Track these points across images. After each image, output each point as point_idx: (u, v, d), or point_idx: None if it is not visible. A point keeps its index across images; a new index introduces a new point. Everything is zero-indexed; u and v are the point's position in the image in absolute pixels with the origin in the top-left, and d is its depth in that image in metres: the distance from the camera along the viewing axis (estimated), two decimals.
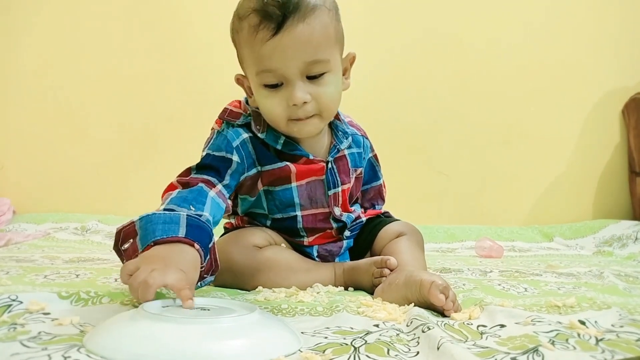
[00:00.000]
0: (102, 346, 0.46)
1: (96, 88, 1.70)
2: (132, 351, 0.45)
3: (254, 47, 0.72)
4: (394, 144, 1.66)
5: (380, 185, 1.01)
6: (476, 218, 1.70)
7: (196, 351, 0.45)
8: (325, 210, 0.85)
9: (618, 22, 1.75)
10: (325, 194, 0.84)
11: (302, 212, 0.84)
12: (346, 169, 0.87)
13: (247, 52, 0.74)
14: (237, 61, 0.82)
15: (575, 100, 1.76)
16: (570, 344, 0.51)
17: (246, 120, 0.81)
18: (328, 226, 0.87)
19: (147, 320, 0.48)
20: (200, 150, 0.84)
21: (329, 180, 0.84)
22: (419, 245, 0.88)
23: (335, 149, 0.85)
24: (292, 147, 0.81)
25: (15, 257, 0.98)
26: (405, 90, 1.72)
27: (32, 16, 1.68)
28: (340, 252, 0.90)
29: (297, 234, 0.86)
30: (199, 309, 0.54)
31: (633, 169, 1.70)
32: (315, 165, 0.82)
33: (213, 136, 0.82)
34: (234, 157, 0.78)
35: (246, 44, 0.74)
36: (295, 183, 0.82)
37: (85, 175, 1.69)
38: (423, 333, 0.54)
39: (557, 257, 1.26)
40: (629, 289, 0.78)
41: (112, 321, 0.50)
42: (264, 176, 0.81)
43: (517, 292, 0.78)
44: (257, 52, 0.72)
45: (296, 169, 0.81)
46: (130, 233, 0.64)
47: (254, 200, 0.84)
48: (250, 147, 0.80)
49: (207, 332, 0.47)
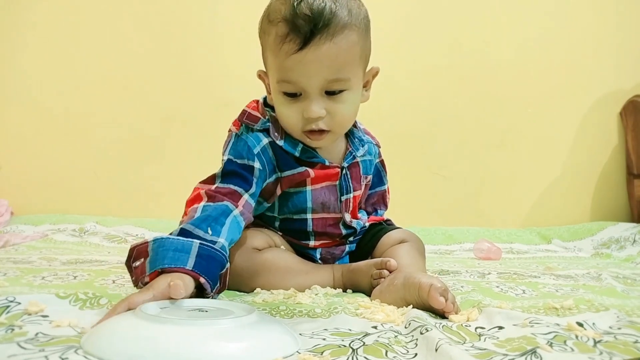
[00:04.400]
0: (100, 348, 0.45)
1: (94, 89, 1.69)
2: (129, 353, 0.44)
3: (278, 56, 0.73)
4: (391, 145, 1.65)
5: (385, 190, 1.02)
6: (474, 220, 1.70)
7: (194, 353, 0.45)
8: (336, 216, 0.86)
9: (616, 25, 1.75)
10: (338, 200, 0.85)
11: (313, 215, 0.85)
12: (358, 175, 0.88)
13: (271, 57, 0.75)
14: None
15: (573, 103, 1.76)
16: (568, 345, 0.51)
17: (265, 126, 0.80)
18: (337, 232, 0.88)
19: (144, 322, 0.48)
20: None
21: (342, 186, 0.85)
22: (420, 253, 0.88)
23: (351, 156, 0.86)
24: (310, 154, 0.81)
25: (13, 259, 0.97)
26: (402, 92, 1.72)
27: (31, 16, 1.68)
28: (342, 255, 0.90)
29: (305, 237, 0.86)
30: (196, 310, 0.54)
31: (631, 171, 1.70)
32: (331, 170, 0.83)
33: (231, 140, 0.81)
34: (255, 164, 0.78)
35: (271, 50, 0.75)
36: (310, 187, 0.83)
37: (83, 177, 1.68)
38: (421, 335, 0.54)
39: (555, 259, 1.26)
40: (626, 291, 0.79)
41: (110, 322, 0.50)
42: (284, 182, 0.82)
43: (515, 294, 0.78)
44: (280, 62, 0.73)
45: (314, 174, 0.81)
46: (142, 253, 0.64)
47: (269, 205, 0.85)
48: (270, 153, 0.80)
49: (205, 334, 0.47)
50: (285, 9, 0.71)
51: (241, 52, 1.69)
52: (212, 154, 1.63)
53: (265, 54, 0.78)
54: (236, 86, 1.67)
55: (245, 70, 1.70)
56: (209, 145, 1.72)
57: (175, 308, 0.54)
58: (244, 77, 1.69)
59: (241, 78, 1.68)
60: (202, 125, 1.68)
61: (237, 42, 1.68)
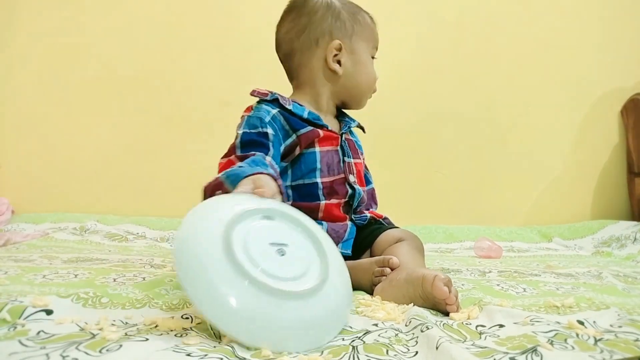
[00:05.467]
0: (209, 311, 0.49)
1: (95, 88, 1.69)
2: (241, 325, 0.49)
3: (374, 30, 0.99)
4: (392, 143, 1.66)
5: (373, 189, 1.06)
6: (475, 218, 1.70)
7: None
8: (341, 177, 0.94)
9: (617, 23, 1.75)
10: (340, 162, 0.94)
11: (321, 178, 0.92)
12: (354, 147, 0.99)
13: (368, 31, 0.98)
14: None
15: (574, 101, 1.76)
16: (569, 344, 0.51)
17: (274, 97, 0.92)
18: (344, 190, 0.94)
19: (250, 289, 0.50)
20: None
21: (344, 150, 0.95)
22: (419, 251, 0.88)
23: (347, 126, 0.99)
24: (316, 117, 0.93)
25: (14, 257, 0.97)
26: (403, 89, 1.72)
27: (30, 16, 1.68)
28: (345, 236, 0.91)
29: (316, 198, 0.91)
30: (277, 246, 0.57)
31: (632, 170, 1.70)
32: (333, 134, 0.94)
33: (244, 120, 0.90)
34: (268, 130, 0.88)
35: (368, 26, 0.98)
36: (319, 147, 0.92)
37: (84, 175, 1.69)
38: (422, 333, 0.54)
39: (556, 258, 1.26)
40: (627, 290, 0.79)
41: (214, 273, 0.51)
42: (302, 140, 0.91)
43: (516, 293, 0.78)
44: (375, 34, 1.00)
45: (322, 134, 0.92)
46: (218, 185, 0.71)
47: (284, 168, 0.92)
48: (282, 120, 0.91)
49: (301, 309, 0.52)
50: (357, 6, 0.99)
51: (241, 52, 1.69)
52: (212, 154, 1.64)
53: (357, 29, 0.96)
54: (236, 86, 1.67)
55: (245, 70, 1.71)
56: (209, 144, 1.72)
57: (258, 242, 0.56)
58: (244, 77, 1.70)
59: (241, 78, 1.68)
60: (202, 125, 1.68)
61: (237, 42, 1.68)
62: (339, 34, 0.94)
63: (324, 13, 0.95)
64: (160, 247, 1.30)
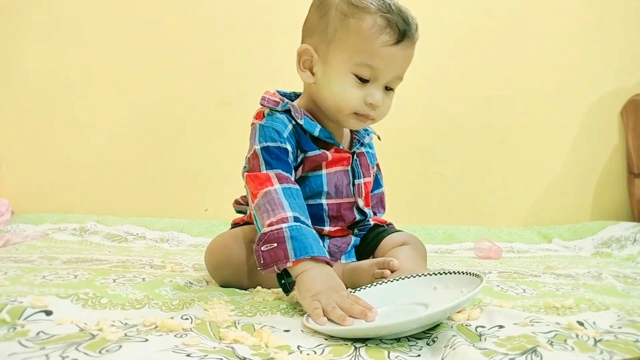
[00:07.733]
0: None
1: (95, 88, 1.69)
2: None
3: (372, 43, 0.77)
4: (391, 144, 1.66)
5: (383, 193, 1.03)
6: (475, 219, 1.70)
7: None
8: (349, 200, 0.88)
9: (617, 24, 1.75)
10: (350, 184, 0.88)
11: (327, 200, 0.86)
12: (366, 163, 0.91)
13: (356, 41, 0.77)
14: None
15: (574, 101, 1.76)
16: (569, 344, 0.51)
17: (285, 107, 0.83)
18: (352, 216, 0.89)
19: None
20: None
21: (355, 171, 0.88)
22: (421, 255, 0.88)
23: (359, 142, 0.90)
24: (327, 134, 0.84)
25: (14, 258, 0.97)
26: (403, 90, 1.71)
27: (30, 17, 1.68)
28: (347, 249, 0.90)
29: (320, 222, 0.86)
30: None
31: (631, 170, 1.70)
32: (344, 154, 0.87)
33: (257, 130, 0.81)
34: (288, 147, 0.80)
35: (360, 34, 0.77)
36: (326, 170, 0.85)
37: (83, 176, 1.69)
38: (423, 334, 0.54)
39: (556, 259, 1.26)
40: (627, 291, 0.79)
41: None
42: (307, 163, 0.83)
43: (516, 293, 0.78)
44: (371, 48, 0.77)
45: (331, 157, 0.84)
46: (277, 238, 0.69)
47: None
48: (296, 138, 0.82)
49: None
50: (378, 3, 0.77)
51: (241, 51, 1.69)
52: (212, 153, 1.64)
53: (341, 36, 0.78)
54: (236, 86, 1.67)
55: (245, 70, 1.71)
56: (209, 144, 1.72)
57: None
58: (244, 77, 1.70)
59: (241, 78, 1.68)
60: (202, 125, 1.68)
61: (237, 42, 1.67)
62: (318, 37, 0.80)
63: (317, 7, 0.82)
64: (160, 247, 1.30)
